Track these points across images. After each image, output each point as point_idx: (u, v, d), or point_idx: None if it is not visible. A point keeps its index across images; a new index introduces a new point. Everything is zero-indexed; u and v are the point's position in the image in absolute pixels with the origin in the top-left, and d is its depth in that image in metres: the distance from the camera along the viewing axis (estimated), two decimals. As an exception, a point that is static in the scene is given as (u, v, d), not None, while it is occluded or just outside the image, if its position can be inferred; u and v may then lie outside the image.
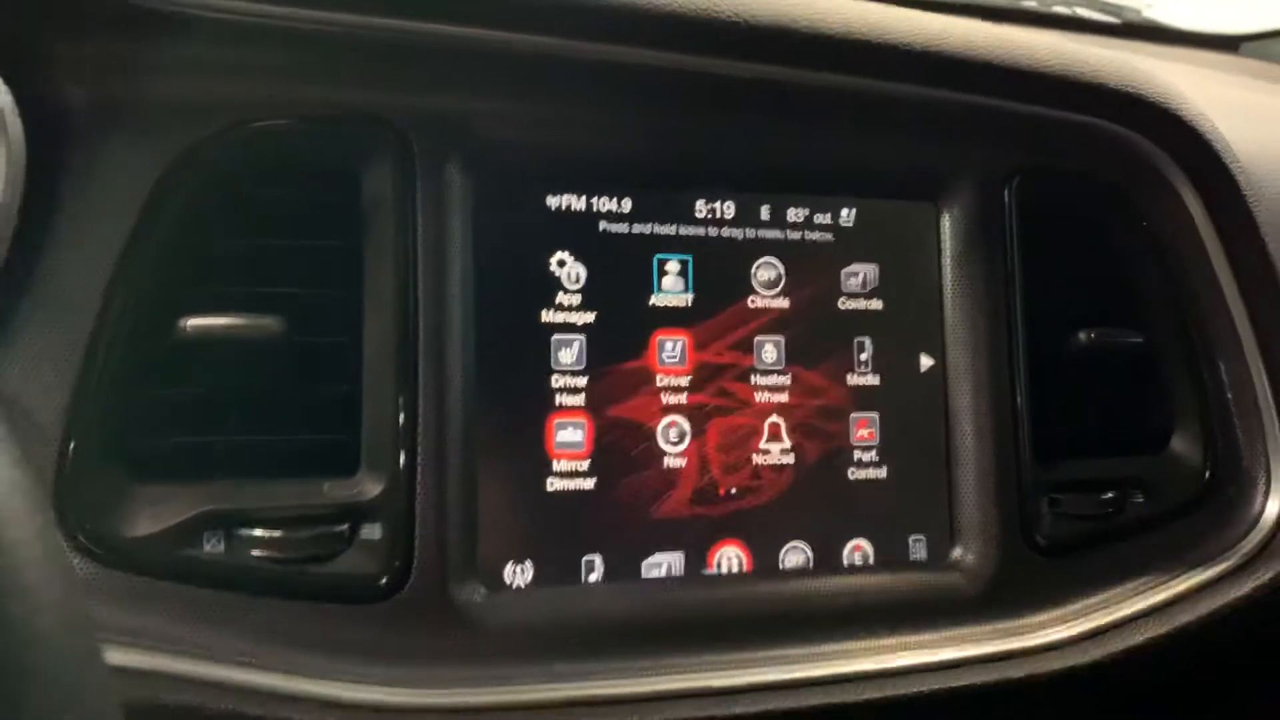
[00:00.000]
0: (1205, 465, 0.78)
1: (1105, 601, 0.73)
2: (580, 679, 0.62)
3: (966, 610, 0.71)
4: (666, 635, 0.65)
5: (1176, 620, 0.72)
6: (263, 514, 0.59)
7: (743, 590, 0.68)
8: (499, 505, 0.64)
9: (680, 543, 0.68)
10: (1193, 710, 0.79)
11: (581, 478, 0.66)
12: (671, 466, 0.68)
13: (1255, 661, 0.78)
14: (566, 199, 0.67)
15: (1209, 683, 0.78)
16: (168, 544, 0.57)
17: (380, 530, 0.60)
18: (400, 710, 0.58)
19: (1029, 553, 0.72)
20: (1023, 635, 0.70)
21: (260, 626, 0.57)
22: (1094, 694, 0.73)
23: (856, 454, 0.72)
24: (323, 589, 0.59)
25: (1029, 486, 0.73)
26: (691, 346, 0.69)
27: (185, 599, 0.57)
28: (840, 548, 0.71)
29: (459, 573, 0.62)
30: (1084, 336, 0.76)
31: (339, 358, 0.61)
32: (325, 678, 0.57)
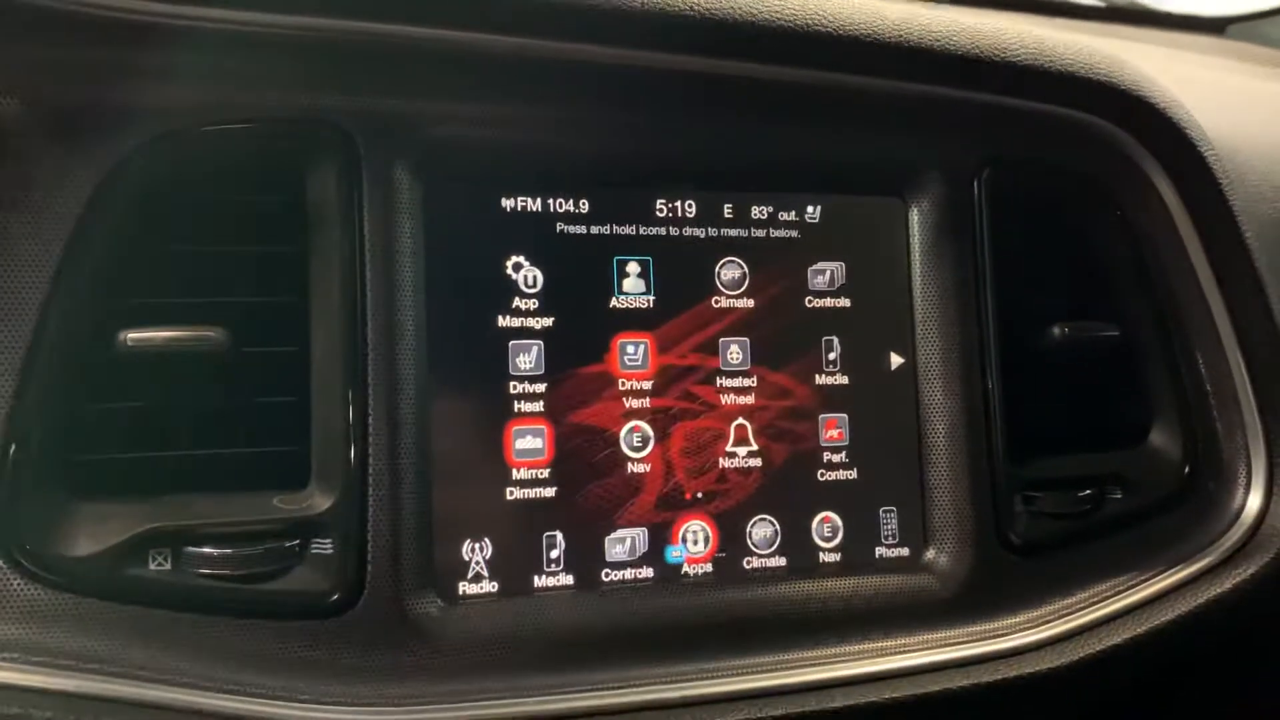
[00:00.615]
0: (1185, 459, 0.77)
1: (1083, 601, 0.71)
2: (541, 693, 0.60)
3: (940, 613, 0.69)
4: (630, 645, 0.64)
5: (1157, 619, 0.71)
6: (210, 530, 0.57)
7: (708, 596, 0.67)
8: (456, 516, 0.62)
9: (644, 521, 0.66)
10: (1173, 709, 0.77)
11: (542, 486, 0.65)
12: (635, 472, 0.67)
13: (1237, 659, 0.77)
14: (522, 200, 0.65)
15: (1190, 681, 0.76)
16: (111, 563, 0.56)
17: (332, 545, 0.59)
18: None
19: (1004, 553, 0.71)
20: (998, 638, 0.69)
21: (210, 646, 0.56)
22: (1072, 695, 0.71)
23: (826, 455, 0.70)
24: (274, 606, 0.58)
25: (1003, 485, 0.71)
26: (654, 349, 0.68)
27: (131, 620, 0.55)
28: (809, 522, 0.69)
29: (414, 586, 0.60)
30: (1058, 331, 0.75)
31: (286, 368, 0.60)
32: (279, 698, 0.56)
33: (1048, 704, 0.71)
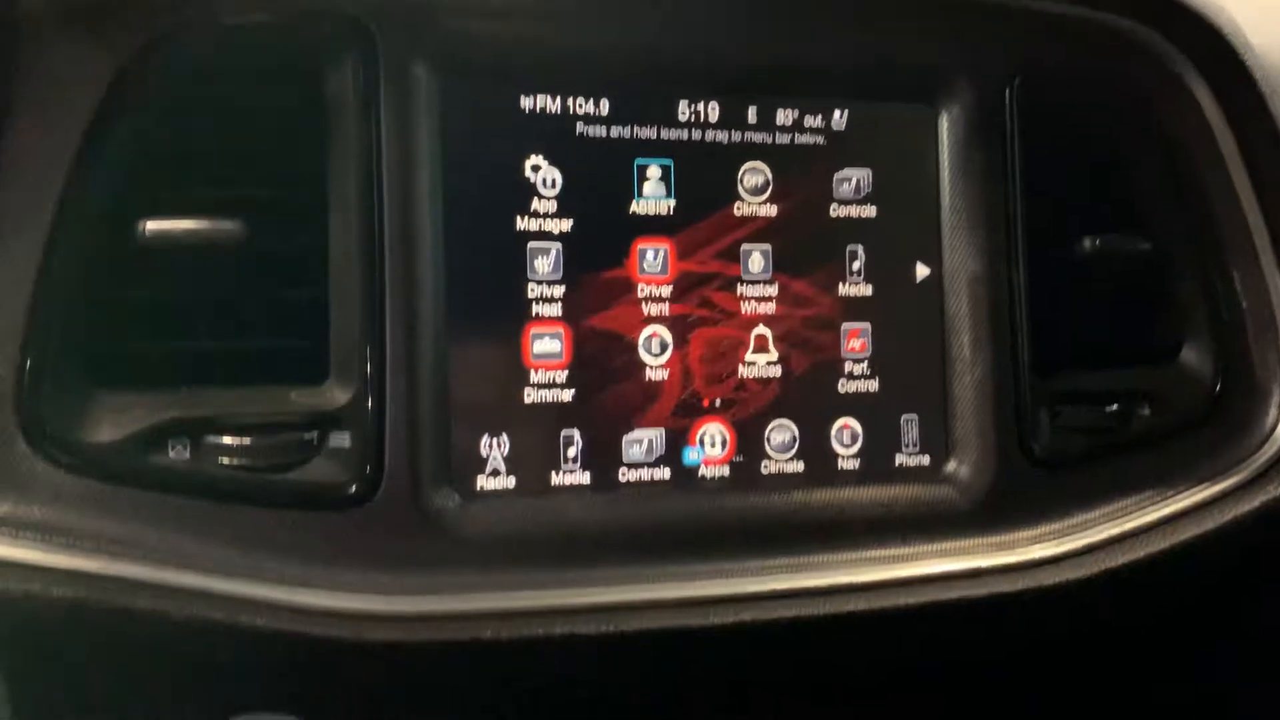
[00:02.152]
0: (1215, 378, 0.75)
1: (1105, 516, 0.70)
2: (557, 587, 0.61)
3: (959, 523, 0.69)
4: (646, 544, 0.64)
5: (1180, 536, 0.70)
6: (228, 421, 0.58)
7: (724, 499, 0.67)
8: (473, 413, 0.62)
9: (660, 422, 0.66)
10: (1193, 629, 0.76)
11: (559, 389, 0.65)
12: (653, 379, 0.67)
13: (1260, 579, 0.75)
14: (541, 100, 0.64)
15: (1211, 600, 0.75)
16: (132, 450, 0.56)
17: (349, 438, 0.59)
18: (372, 618, 0.57)
19: (1026, 466, 0.70)
20: (1017, 549, 0.68)
21: (227, 534, 0.57)
22: (1090, 610, 0.70)
23: (847, 365, 0.70)
24: (291, 496, 0.58)
25: (1027, 398, 0.70)
26: (674, 255, 0.67)
27: (150, 505, 0.56)
28: (828, 429, 0.69)
29: (432, 480, 0.61)
30: (1089, 244, 0.73)
31: (304, 263, 0.60)
32: (294, 584, 0.56)
33: (1065, 617, 0.70)
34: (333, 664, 0.57)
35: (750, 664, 0.66)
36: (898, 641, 0.68)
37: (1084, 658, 0.75)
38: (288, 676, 0.57)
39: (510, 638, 0.58)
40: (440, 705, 0.61)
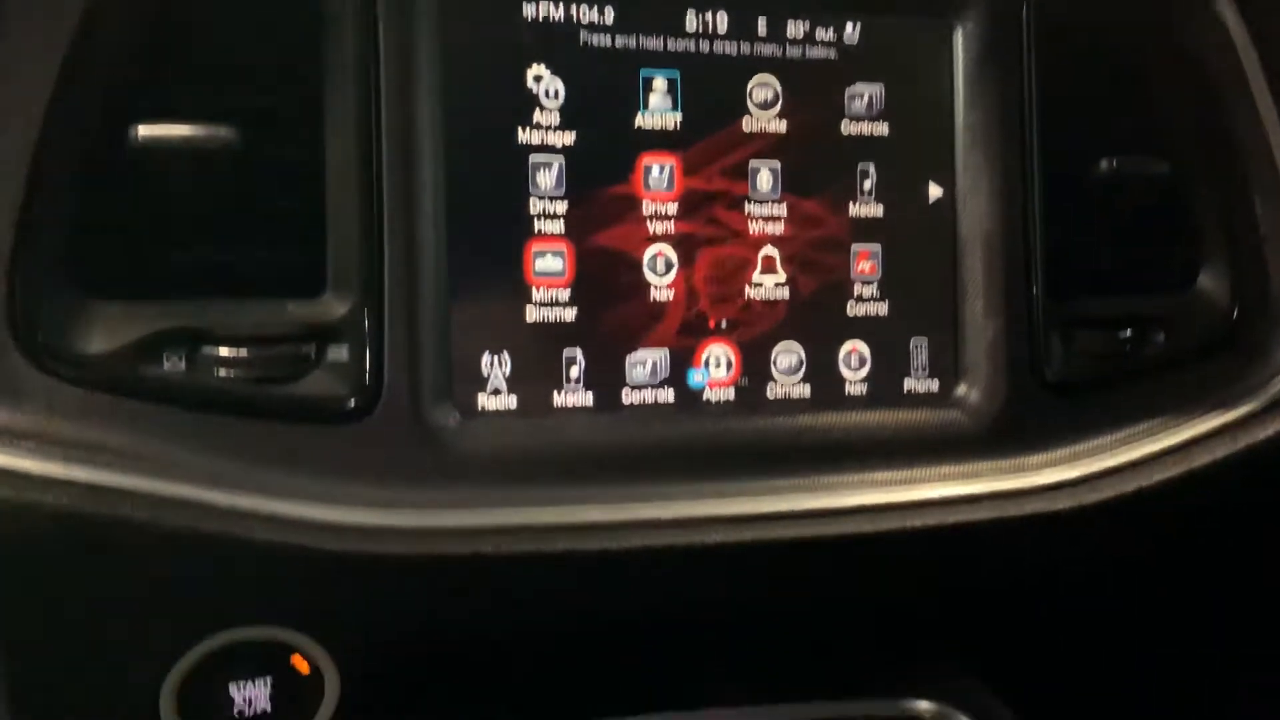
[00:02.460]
0: (1233, 303, 0.74)
1: (1118, 442, 0.69)
2: (558, 504, 0.60)
3: (968, 448, 0.68)
4: (649, 465, 0.63)
5: (1194, 462, 0.68)
6: (224, 333, 0.57)
7: (729, 421, 0.65)
8: (473, 330, 0.61)
9: (664, 343, 0.65)
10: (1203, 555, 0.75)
11: (562, 307, 0.63)
12: (657, 299, 0.65)
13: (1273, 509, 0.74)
14: (543, 7, 0.63)
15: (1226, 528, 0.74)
16: (126, 361, 0.55)
17: (347, 352, 0.58)
18: (370, 531, 0.56)
19: (1038, 390, 0.69)
20: (1027, 474, 0.67)
21: (223, 445, 0.56)
22: (1099, 536, 0.69)
23: (856, 287, 0.68)
24: (289, 409, 0.57)
25: (1040, 321, 0.69)
26: (680, 171, 0.65)
27: (145, 416, 0.55)
28: (835, 352, 0.68)
29: (432, 397, 0.60)
30: (1106, 165, 0.71)
31: (301, 173, 0.58)
32: (291, 497, 0.56)
33: (1074, 543, 0.69)
34: (329, 578, 0.56)
35: (753, 586, 0.65)
36: (904, 565, 0.67)
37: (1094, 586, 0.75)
38: (283, 590, 0.57)
39: (510, 553, 0.57)
40: (438, 620, 0.61)
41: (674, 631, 0.68)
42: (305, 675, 0.59)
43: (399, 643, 0.61)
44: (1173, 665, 0.83)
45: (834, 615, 0.71)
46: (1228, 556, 0.76)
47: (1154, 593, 0.77)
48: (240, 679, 0.57)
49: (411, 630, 0.60)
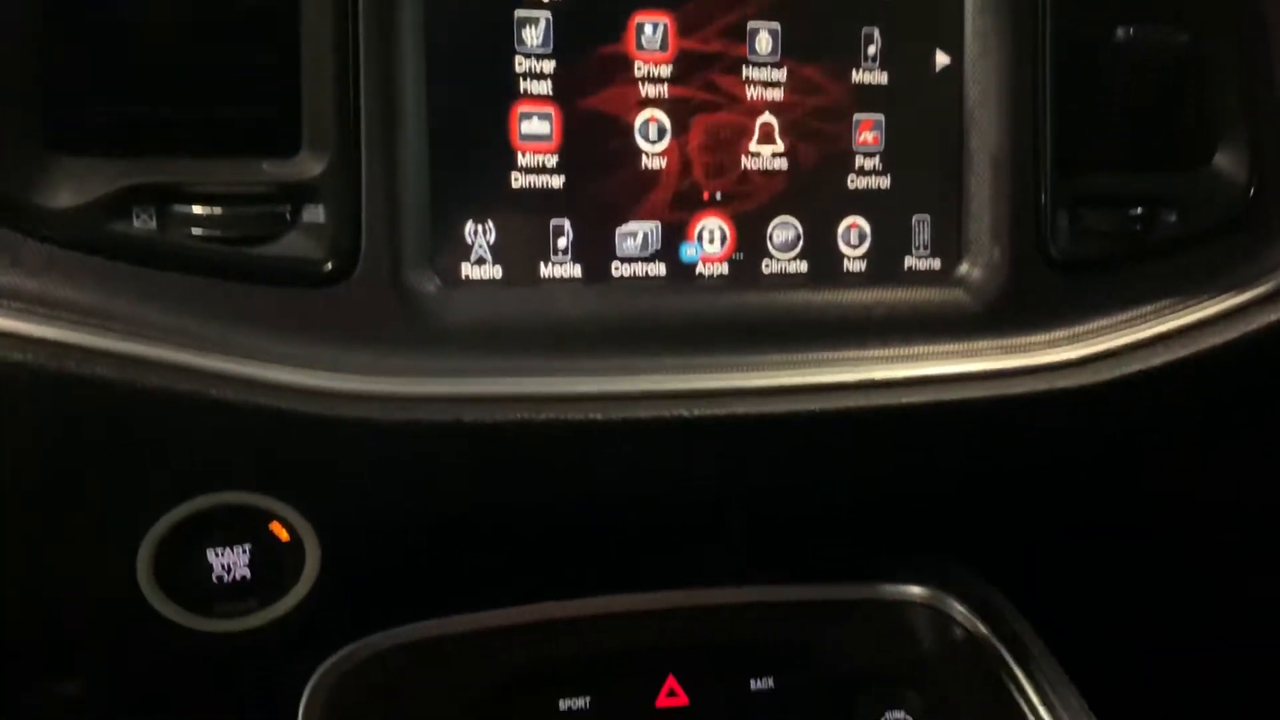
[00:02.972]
0: (1249, 183, 0.71)
1: (1124, 322, 0.67)
2: (542, 375, 0.58)
3: (968, 326, 0.66)
4: (637, 339, 0.61)
5: (1200, 345, 0.66)
6: (197, 190, 0.55)
7: (723, 297, 0.63)
8: (456, 195, 0.59)
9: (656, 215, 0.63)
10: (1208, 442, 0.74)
11: (549, 174, 0.61)
12: (649, 167, 0.63)
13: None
14: None
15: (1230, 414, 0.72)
16: (95, 217, 0.53)
17: (324, 212, 0.56)
18: (348, 396, 0.55)
19: (1043, 269, 0.66)
20: (1028, 353, 0.65)
21: (196, 307, 0.54)
22: (1099, 418, 0.67)
23: (858, 159, 0.66)
24: (264, 270, 0.55)
25: (1048, 197, 0.66)
26: (675, 31, 0.62)
27: (116, 275, 0.53)
28: (834, 227, 0.65)
29: (412, 262, 0.58)
30: (1122, 34, 0.68)
31: (275, 25, 0.56)
32: (267, 360, 0.54)
33: (1074, 425, 0.68)
34: (305, 443, 0.55)
35: (742, 463, 0.64)
36: (899, 445, 0.65)
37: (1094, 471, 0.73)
38: (259, 455, 0.55)
39: (491, 422, 0.56)
40: (418, 490, 0.60)
41: (661, 509, 0.67)
42: (285, 543, 0.58)
43: (380, 512, 0.59)
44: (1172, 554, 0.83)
45: (826, 496, 0.69)
46: (1233, 443, 0.74)
47: (1155, 479, 0.75)
48: (218, 545, 0.56)
49: (393, 500, 0.59)
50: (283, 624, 0.60)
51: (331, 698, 0.66)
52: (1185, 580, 0.85)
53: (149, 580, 0.56)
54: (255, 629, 0.59)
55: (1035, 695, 0.72)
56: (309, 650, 0.66)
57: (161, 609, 0.57)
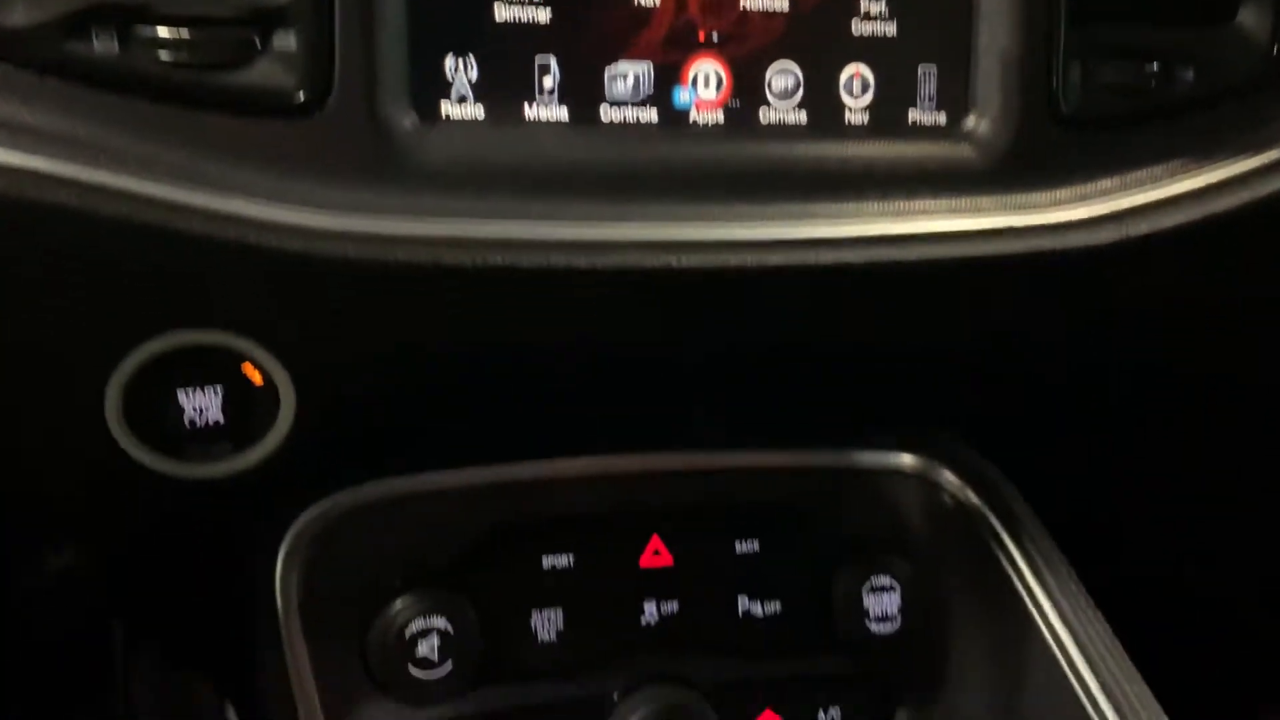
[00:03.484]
0: (1272, 42, 0.67)
1: (1135, 182, 0.64)
2: (524, 220, 0.56)
3: (973, 182, 0.63)
4: (626, 186, 0.58)
5: (1213, 208, 0.64)
6: (163, 10, 0.51)
7: (717, 145, 0.60)
8: (435, 26, 0.56)
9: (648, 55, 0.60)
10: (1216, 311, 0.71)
11: (534, 8, 0.57)
12: (642, 3, 0.59)
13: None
14: None
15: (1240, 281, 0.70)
16: (51, 37, 0.50)
17: (295, 40, 0.53)
18: (322, 234, 0.52)
19: (1052, 125, 0.63)
20: (1034, 211, 0.62)
21: (161, 135, 0.51)
22: (1104, 280, 0.65)
23: (864, 4, 0.62)
24: (233, 99, 0.52)
25: (1060, 50, 0.63)
26: None
27: (77, 100, 0.50)
28: (836, 75, 0.62)
29: (389, 96, 0.55)
30: (1148, -125, 0.64)
31: None
32: (235, 192, 0.51)
33: (1078, 287, 0.65)
34: (276, 281, 0.53)
35: (732, 317, 0.62)
36: (896, 303, 0.63)
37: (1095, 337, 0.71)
38: (229, 293, 0.53)
39: (471, 266, 0.54)
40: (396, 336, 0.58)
41: (646, 364, 0.65)
42: (258, 387, 0.56)
43: (355, 357, 0.58)
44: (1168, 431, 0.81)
45: (818, 356, 0.68)
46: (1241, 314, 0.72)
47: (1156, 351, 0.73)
48: (189, 386, 0.55)
49: (367, 344, 0.57)
50: (258, 473, 0.59)
51: (310, 552, 0.65)
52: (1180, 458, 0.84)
53: (118, 421, 0.54)
54: (230, 477, 0.58)
55: (1025, 565, 0.72)
56: (287, 502, 0.65)
57: (133, 452, 0.56)
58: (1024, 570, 0.71)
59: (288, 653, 0.64)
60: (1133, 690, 0.67)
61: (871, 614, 0.70)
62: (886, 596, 0.71)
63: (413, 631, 0.64)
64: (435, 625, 0.64)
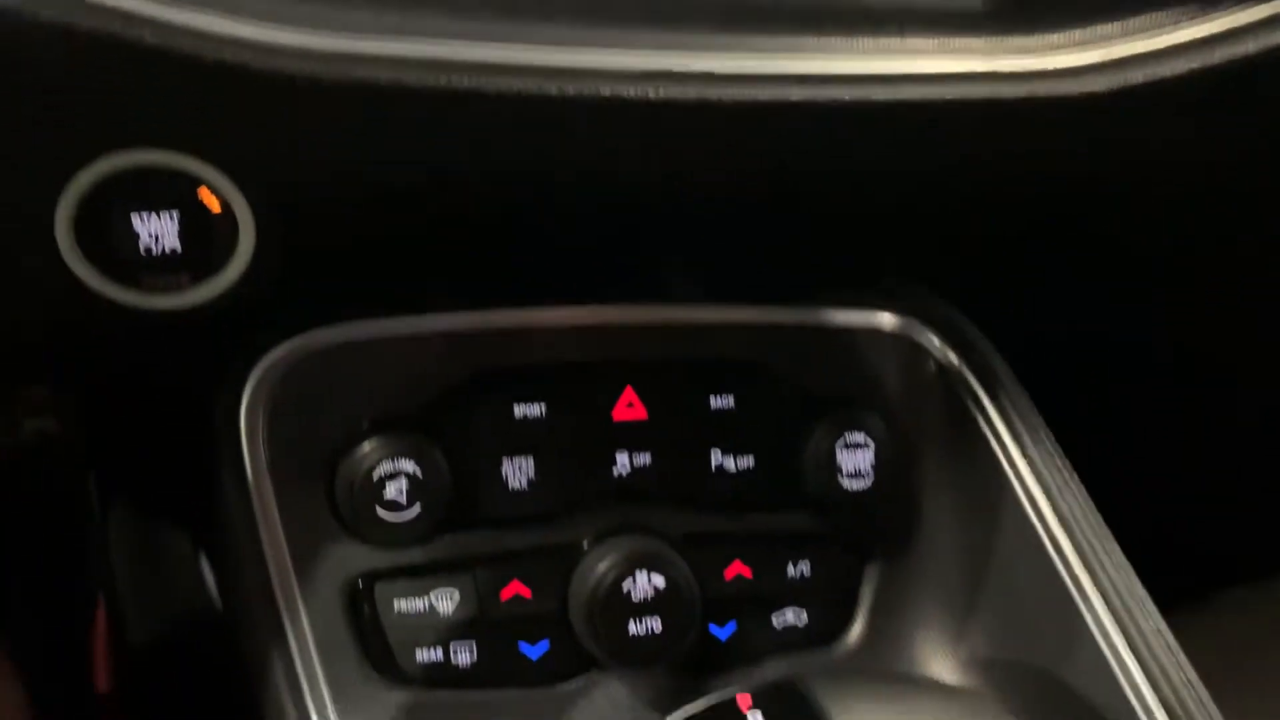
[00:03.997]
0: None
1: (1137, 28, 0.61)
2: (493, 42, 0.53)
3: (970, 24, 0.60)
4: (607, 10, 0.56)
5: (1221, 55, 0.61)
6: None
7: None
8: None
9: None
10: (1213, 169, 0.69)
11: None
12: None
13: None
14: None
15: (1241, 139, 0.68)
16: None
17: None
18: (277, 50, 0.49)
19: (1056, -37, 0.60)
20: (1030, 54, 0.59)
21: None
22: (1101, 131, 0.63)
23: None
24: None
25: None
26: None
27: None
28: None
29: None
30: None
31: None
32: (186, 3, 0.48)
33: (1072, 135, 0.63)
34: (230, 99, 0.50)
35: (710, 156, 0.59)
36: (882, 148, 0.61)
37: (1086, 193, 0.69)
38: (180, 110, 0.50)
39: (436, 88, 0.51)
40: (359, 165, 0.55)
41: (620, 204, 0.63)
42: (216, 214, 0.54)
43: (317, 185, 0.55)
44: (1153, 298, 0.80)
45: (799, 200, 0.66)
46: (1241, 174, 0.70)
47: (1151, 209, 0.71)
48: (143, 211, 0.53)
49: (329, 171, 0.55)
50: (221, 307, 0.57)
51: (276, 392, 0.64)
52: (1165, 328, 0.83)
53: (69, 244, 0.52)
54: (192, 309, 0.56)
55: (1002, 426, 0.71)
56: (253, 342, 0.64)
57: (87, 278, 0.54)
58: (1001, 431, 0.71)
59: (253, 493, 0.63)
60: (1104, 549, 0.67)
61: (844, 470, 0.70)
62: (860, 454, 0.70)
63: (380, 474, 0.63)
64: (403, 468, 0.63)
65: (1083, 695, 0.67)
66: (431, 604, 0.67)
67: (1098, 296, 0.82)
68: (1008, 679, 0.70)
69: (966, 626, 0.73)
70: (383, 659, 0.66)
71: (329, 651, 0.64)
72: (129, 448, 0.95)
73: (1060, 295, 0.81)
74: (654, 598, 0.66)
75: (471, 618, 0.67)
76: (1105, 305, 0.82)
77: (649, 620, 0.66)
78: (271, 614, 0.64)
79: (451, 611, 0.67)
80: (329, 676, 0.64)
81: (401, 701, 0.66)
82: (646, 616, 0.66)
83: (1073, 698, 0.67)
